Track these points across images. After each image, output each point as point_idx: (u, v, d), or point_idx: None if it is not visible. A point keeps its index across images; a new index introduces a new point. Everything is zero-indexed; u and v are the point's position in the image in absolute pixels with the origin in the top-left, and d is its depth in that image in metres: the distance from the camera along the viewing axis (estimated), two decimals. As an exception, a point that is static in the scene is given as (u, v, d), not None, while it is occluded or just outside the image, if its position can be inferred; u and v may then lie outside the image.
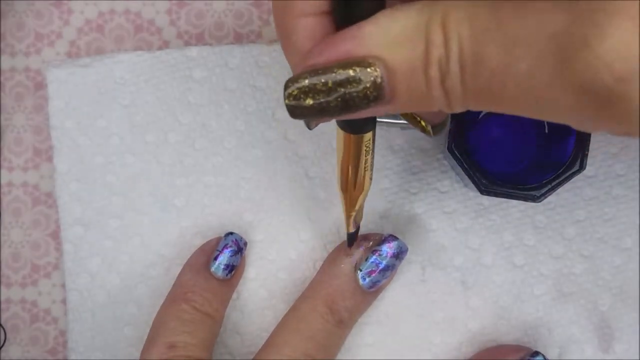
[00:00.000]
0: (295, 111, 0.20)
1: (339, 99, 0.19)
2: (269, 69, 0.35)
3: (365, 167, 0.25)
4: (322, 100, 0.19)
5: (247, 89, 0.35)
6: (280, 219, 0.35)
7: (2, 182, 0.37)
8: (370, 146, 0.24)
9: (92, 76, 0.35)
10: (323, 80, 0.19)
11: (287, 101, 0.20)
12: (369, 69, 0.19)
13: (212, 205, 0.35)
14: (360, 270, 0.32)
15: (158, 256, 0.35)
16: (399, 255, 0.32)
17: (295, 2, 0.20)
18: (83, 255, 0.35)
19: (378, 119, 0.30)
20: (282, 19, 0.21)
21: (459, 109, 0.20)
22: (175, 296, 0.32)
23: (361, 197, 0.27)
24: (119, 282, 0.35)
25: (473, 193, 0.34)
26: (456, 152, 0.30)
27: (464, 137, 0.30)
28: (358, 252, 0.32)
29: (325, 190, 0.35)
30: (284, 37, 0.21)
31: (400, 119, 0.30)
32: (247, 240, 0.34)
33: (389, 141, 0.35)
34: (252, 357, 0.32)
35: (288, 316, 0.32)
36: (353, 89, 0.19)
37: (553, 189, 0.30)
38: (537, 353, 0.32)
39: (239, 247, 0.33)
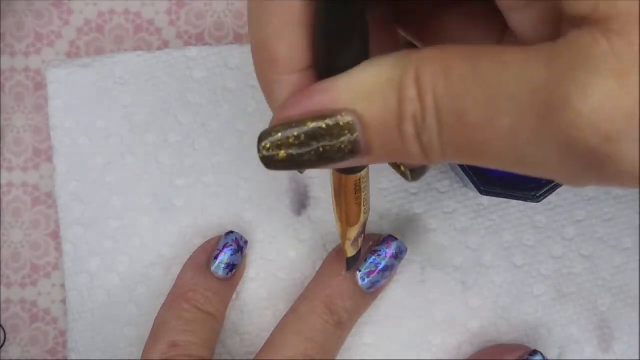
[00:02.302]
0: (269, 164, 0.20)
1: (313, 153, 0.19)
2: (268, 69, 0.35)
3: (357, 203, 0.25)
4: (295, 153, 0.19)
5: (247, 89, 0.35)
6: (280, 219, 0.35)
7: (2, 182, 0.37)
8: (363, 185, 0.24)
9: (92, 76, 0.35)
10: (296, 134, 0.19)
11: (260, 154, 0.20)
12: (342, 123, 0.19)
13: (212, 205, 0.35)
14: (360, 271, 0.32)
15: (158, 256, 0.35)
16: (398, 255, 0.32)
17: (278, 58, 0.20)
18: (83, 255, 0.35)
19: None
20: (264, 76, 0.21)
21: (438, 162, 0.19)
22: (177, 295, 0.32)
23: (355, 229, 0.27)
24: (119, 282, 0.35)
25: (473, 193, 0.34)
26: (456, 152, 0.30)
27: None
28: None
29: (325, 191, 0.35)
30: (267, 93, 0.21)
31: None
32: (247, 240, 0.34)
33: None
34: (251, 357, 0.32)
35: (287, 317, 0.32)
36: (327, 143, 0.19)
37: (553, 189, 0.30)
38: (536, 352, 0.32)
39: (240, 246, 0.33)
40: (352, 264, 0.31)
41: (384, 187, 0.35)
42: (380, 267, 0.32)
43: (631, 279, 0.34)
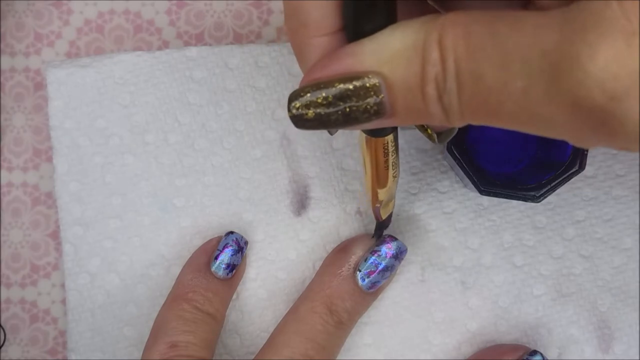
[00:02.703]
0: (298, 123, 0.21)
1: (340, 113, 0.20)
2: (268, 69, 0.35)
3: (386, 167, 0.26)
4: (322, 113, 0.20)
5: (247, 89, 0.35)
6: (280, 219, 0.35)
7: (2, 182, 0.37)
8: (391, 148, 0.25)
9: (91, 76, 0.35)
10: (324, 95, 0.20)
11: (290, 113, 0.20)
12: (368, 85, 0.19)
13: (212, 205, 0.35)
14: (360, 271, 0.32)
15: (158, 256, 0.35)
16: (398, 255, 0.32)
17: (308, 22, 0.21)
18: (83, 255, 0.35)
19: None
20: (296, 40, 0.22)
21: (458, 124, 0.20)
22: (177, 296, 0.32)
23: (383, 192, 0.28)
24: (119, 282, 0.35)
25: (473, 193, 0.34)
26: (455, 153, 0.30)
27: (464, 137, 0.30)
28: (357, 253, 0.32)
29: (325, 190, 0.35)
30: (299, 56, 0.22)
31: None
32: (247, 240, 0.34)
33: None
34: (251, 357, 0.32)
35: (287, 317, 0.32)
36: (354, 103, 0.20)
37: (553, 189, 0.30)
38: (535, 352, 0.32)
39: (240, 246, 0.33)
40: (382, 229, 0.32)
41: (383, 187, 0.35)
42: (381, 267, 0.32)
43: (631, 279, 0.34)
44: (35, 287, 0.37)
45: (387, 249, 0.32)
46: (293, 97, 0.20)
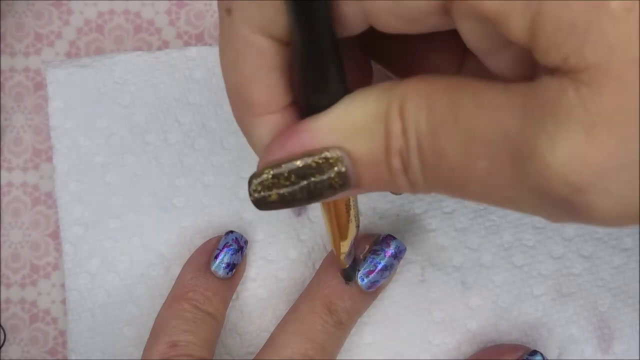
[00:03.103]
0: (261, 205, 0.20)
1: (304, 190, 0.19)
2: (268, 69, 0.35)
3: (348, 220, 0.25)
4: (286, 193, 0.19)
5: (247, 89, 0.35)
6: (280, 219, 0.35)
7: (2, 182, 0.37)
8: (352, 202, 0.25)
9: (91, 76, 0.35)
10: (285, 174, 0.19)
11: (252, 197, 0.20)
12: (331, 160, 0.19)
13: (212, 205, 0.35)
14: (359, 271, 0.32)
15: (158, 256, 0.35)
16: (397, 255, 0.32)
17: (255, 102, 0.20)
18: (83, 255, 0.35)
19: None
20: (244, 119, 0.21)
21: (426, 193, 0.19)
22: (177, 295, 0.32)
23: (347, 242, 0.27)
24: (119, 282, 0.35)
25: (473, 193, 0.34)
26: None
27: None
28: (358, 253, 0.32)
29: (325, 191, 0.35)
30: (248, 136, 0.21)
31: None
32: (247, 240, 0.34)
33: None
34: (251, 357, 0.32)
35: (287, 317, 0.32)
36: (317, 179, 0.19)
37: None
38: (535, 352, 0.32)
39: (240, 246, 0.33)
40: (350, 274, 0.31)
41: (383, 187, 0.35)
42: (380, 266, 0.32)
43: (631, 279, 0.34)
44: (35, 287, 0.37)
45: (386, 249, 0.32)
46: (253, 180, 0.20)
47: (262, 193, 0.19)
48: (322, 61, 0.19)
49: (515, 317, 0.34)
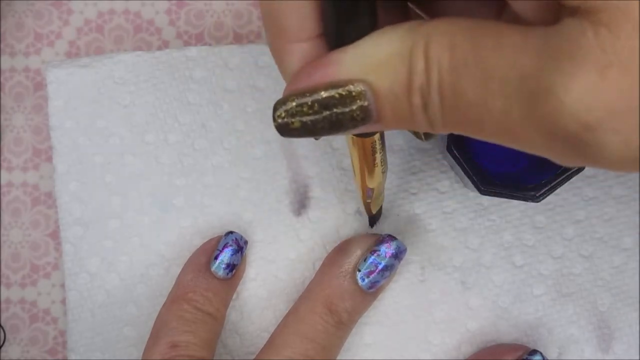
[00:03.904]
0: (284, 132, 0.20)
1: (327, 121, 0.20)
2: (268, 69, 0.35)
3: (375, 164, 0.26)
4: (308, 121, 0.20)
5: (247, 89, 0.35)
6: (280, 219, 0.35)
7: (2, 182, 0.37)
8: (378, 146, 0.25)
9: (91, 76, 0.35)
10: (309, 103, 0.20)
11: (275, 122, 0.20)
12: (354, 92, 0.19)
13: (211, 205, 0.35)
14: (359, 271, 0.32)
15: (158, 256, 0.35)
16: (397, 255, 0.32)
17: (287, 28, 0.21)
18: (83, 255, 0.35)
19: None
20: (276, 45, 0.21)
21: (442, 132, 0.20)
22: (177, 296, 0.32)
23: (372, 184, 0.28)
24: (119, 282, 0.35)
25: (472, 193, 0.34)
26: (455, 152, 0.30)
27: (463, 137, 0.30)
28: (357, 253, 0.32)
29: (325, 190, 0.35)
30: (279, 62, 0.22)
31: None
32: (247, 240, 0.34)
33: (389, 141, 0.35)
34: (251, 357, 0.32)
35: (287, 317, 0.32)
36: (340, 111, 0.19)
37: (552, 189, 0.30)
38: (535, 352, 0.32)
39: (240, 246, 0.33)
40: (374, 221, 0.33)
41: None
42: (380, 267, 0.32)
43: (631, 279, 0.34)
44: (35, 287, 0.37)
45: (387, 249, 0.32)
46: (278, 106, 0.20)
47: (286, 119, 0.20)
48: None
49: (515, 317, 0.34)
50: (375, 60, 0.19)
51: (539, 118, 0.17)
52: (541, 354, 0.32)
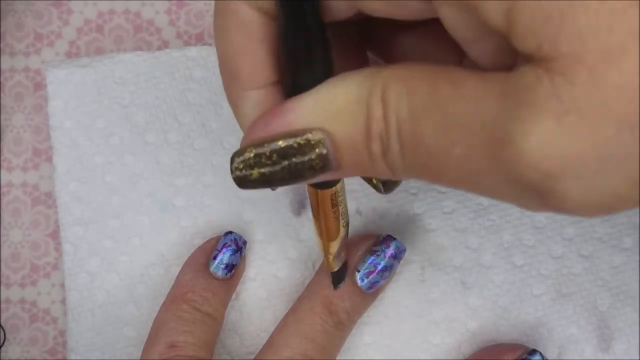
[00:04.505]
0: (242, 184, 0.20)
1: (285, 171, 0.19)
2: (268, 69, 0.35)
3: (335, 217, 0.25)
4: (267, 172, 0.20)
5: (247, 89, 0.35)
6: (280, 219, 0.35)
7: (2, 182, 0.37)
8: (339, 198, 0.24)
9: (91, 76, 0.35)
10: (267, 153, 0.19)
11: (233, 175, 0.20)
12: (312, 141, 0.19)
13: (211, 205, 0.35)
14: (359, 271, 0.32)
15: (158, 256, 0.35)
16: (397, 255, 0.32)
17: (242, 74, 0.21)
18: (82, 255, 0.35)
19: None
20: (231, 92, 0.21)
21: (405, 178, 0.20)
22: (175, 296, 0.32)
23: (335, 243, 0.27)
24: (119, 282, 0.35)
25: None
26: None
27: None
28: (356, 253, 0.32)
29: (325, 190, 0.35)
30: (234, 109, 0.22)
31: None
32: (246, 240, 0.34)
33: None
34: (251, 357, 0.32)
35: (287, 318, 0.32)
36: (299, 160, 0.19)
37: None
38: (534, 351, 0.32)
39: (238, 246, 0.33)
40: (338, 278, 0.31)
41: (383, 187, 0.35)
42: (380, 267, 0.32)
43: (631, 278, 0.34)
44: (35, 287, 0.37)
45: (386, 249, 0.32)
46: (235, 158, 0.20)
47: (244, 171, 0.20)
48: (307, 39, 0.19)
49: (515, 317, 0.34)
50: (333, 107, 0.19)
51: (500, 166, 0.17)
52: (540, 353, 0.32)
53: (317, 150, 0.19)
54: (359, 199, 0.35)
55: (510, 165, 0.17)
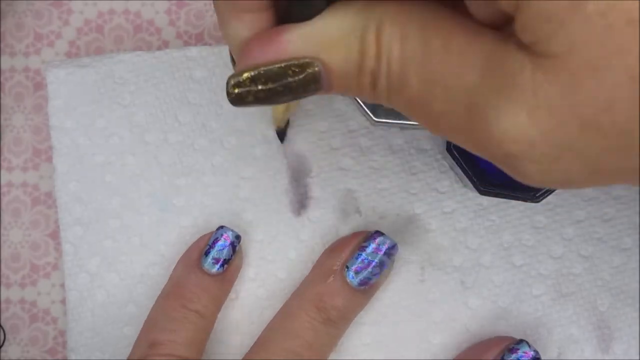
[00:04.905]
0: (236, 103, 0.21)
1: (280, 91, 0.21)
2: (268, 69, 0.35)
3: None
4: (261, 94, 0.21)
5: (247, 89, 0.35)
6: (280, 219, 0.35)
7: (2, 182, 0.37)
8: None
9: (91, 76, 0.35)
10: (263, 79, 0.20)
11: (229, 96, 0.21)
12: (309, 69, 0.20)
13: (211, 205, 0.35)
14: (348, 268, 0.32)
15: (158, 256, 0.35)
16: (387, 251, 0.32)
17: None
18: (82, 255, 0.35)
19: (376, 120, 0.30)
20: (225, 12, 0.22)
21: (389, 106, 0.21)
22: (166, 293, 0.32)
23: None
24: (119, 282, 0.35)
25: (472, 193, 0.34)
26: (455, 152, 0.30)
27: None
28: (347, 251, 0.32)
29: (325, 190, 0.35)
30: (226, 29, 0.22)
31: (399, 119, 0.30)
32: (240, 235, 0.33)
33: (389, 141, 0.35)
34: (251, 357, 0.32)
35: (277, 315, 0.32)
36: (292, 81, 0.20)
37: (552, 189, 0.30)
38: (521, 341, 0.31)
39: (230, 241, 0.33)
40: (281, 137, 0.34)
41: (384, 187, 0.35)
42: (369, 263, 0.31)
43: (631, 279, 0.34)
44: (35, 287, 0.37)
45: (375, 245, 0.32)
46: (231, 80, 0.21)
47: (239, 90, 0.21)
48: None
49: (515, 317, 0.34)
50: (328, 37, 0.20)
51: (474, 134, 0.18)
52: (527, 343, 0.31)
53: (311, 74, 0.20)
54: (359, 199, 0.35)
55: (482, 136, 0.18)
